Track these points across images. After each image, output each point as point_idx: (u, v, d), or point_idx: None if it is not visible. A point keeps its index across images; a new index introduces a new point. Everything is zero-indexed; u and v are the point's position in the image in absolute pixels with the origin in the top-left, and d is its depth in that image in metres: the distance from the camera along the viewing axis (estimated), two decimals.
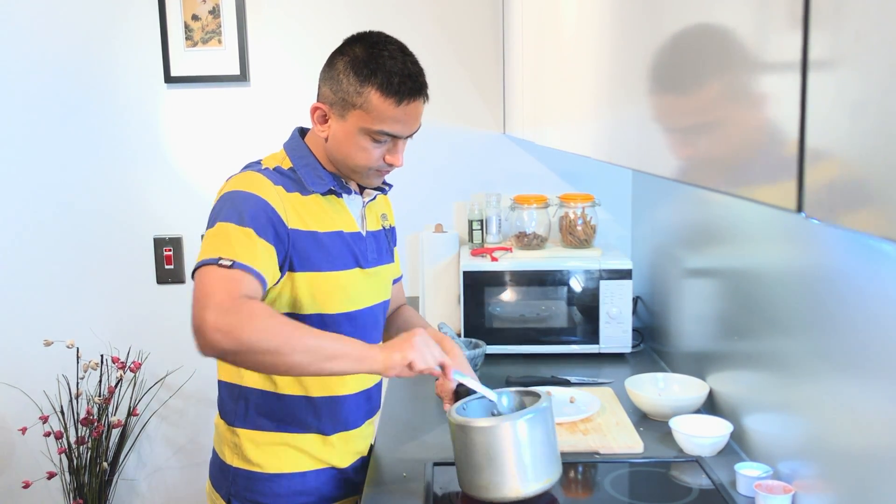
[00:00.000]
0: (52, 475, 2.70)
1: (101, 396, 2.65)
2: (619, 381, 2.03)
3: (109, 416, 2.67)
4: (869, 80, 0.48)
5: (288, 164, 1.53)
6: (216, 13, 2.63)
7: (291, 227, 1.44)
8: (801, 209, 0.57)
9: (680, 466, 1.59)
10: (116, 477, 2.75)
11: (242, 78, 2.66)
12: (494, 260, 2.35)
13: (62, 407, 2.71)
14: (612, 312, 2.28)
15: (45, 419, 2.67)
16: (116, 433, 2.71)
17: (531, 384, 2.03)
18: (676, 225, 2.18)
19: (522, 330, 2.34)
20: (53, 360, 2.71)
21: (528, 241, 2.48)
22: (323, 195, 1.52)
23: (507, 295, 2.35)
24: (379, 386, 1.70)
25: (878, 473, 1.15)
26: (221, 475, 1.59)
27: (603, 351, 2.31)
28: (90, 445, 2.62)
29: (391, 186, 1.68)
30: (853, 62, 0.50)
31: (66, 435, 2.64)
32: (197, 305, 1.31)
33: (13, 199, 2.75)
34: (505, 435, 1.38)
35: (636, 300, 2.44)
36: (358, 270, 1.55)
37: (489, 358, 2.25)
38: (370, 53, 1.46)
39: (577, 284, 2.30)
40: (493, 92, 2.68)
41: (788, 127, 0.58)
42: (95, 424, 2.61)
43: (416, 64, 1.49)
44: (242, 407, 1.55)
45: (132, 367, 2.70)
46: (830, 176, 0.54)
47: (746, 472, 1.47)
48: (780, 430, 1.50)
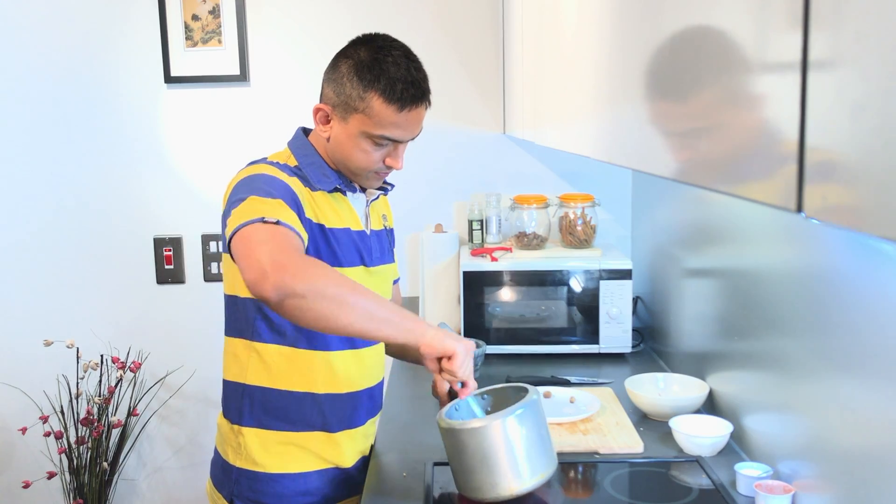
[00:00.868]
0: (52, 475, 2.70)
1: (101, 396, 2.65)
2: (619, 381, 2.03)
3: (109, 416, 2.67)
4: (869, 80, 0.48)
5: (293, 162, 1.55)
6: (216, 13, 2.63)
7: (307, 216, 1.45)
8: (801, 209, 0.57)
9: (680, 466, 1.59)
10: (116, 477, 2.75)
11: (242, 78, 2.66)
12: (494, 260, 2.35)
13: (62, 407, 2.71)
14: (612, 312, 2.28)
15: (45, 419, 2.67)
16: (116, 433, 2.71)
17: (531, 384, 2.03)
18: (676, 225, 2.18)
19: (522, 330, 2.34)
20: (53, 360, 2.71)
21: (528, 241, 2.48)
22: (329, 193, 1.53)
23: (507, 295, 2.35)
24: (381, 385, 1.70)
25: (878, 473, 1.15)
26: (224, 475, 1.58)
27: (603, 351, 2.31)
28: (90, 445, 2.62)
29: (393, 186, 1.70)
30: (853, 62, 0.50)
31: (66, 435, 2.64)
32: (254, 255, 1.24)
33: (13, 198, 2.74)
34: (494, 434, 1.37)
35: (636, 300, 2.44)
36: (362, 268, 1.57)
37: (489, 358, 2.25)
38: (374, 58, 1.46)
39: (577, 284, 2.30)
40: (493, 92, 2.68)
41: (788, 127, 0.58)
42: (95, 424, 2.61)
43: (420, 70, 1.49)
44: (247, 405, 1.55)
45: (132, 367, 2.70)
46: (830, 176, 0.54)
47: (746, 472, 1.47)
48: (780, 430, 1.50)
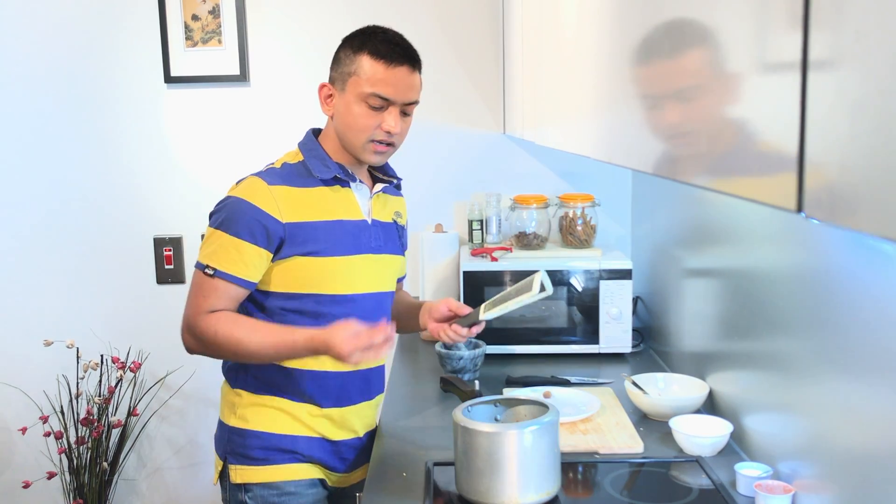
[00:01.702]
0: (52, 475, 2.70)
1: (101, 396, 2.65)
2: (619, 381, 2.03)
3: (109, 416, 2.67)
4: (869, 80, 0.48)
5: (299, 158, 1.67)
6: (216, 13, 2.63)
7: (286, 220, 1.58)
8: (801, 209, 0.57)
9: (680, 466, 1.59)
10: (116, 477, 2.75)
11: (242, 78, 2.66)
12: (494, 260, 2.35)
13: (62, 407, 2.71)
14: (612, 312, 2.28)
15: (45, 419, 2.67)
16: (116, 433, 2.71)
17: (531, 384, 2.04)
18: (676, 225, 2.18)
19: (522, 330, 2.34)
20: (53, 360, 2.71)
21: (528, 241, 2.47)
22: (329, 185, 1.64)
23: None
24: (380, 371, 1.78)
25: (878, 473, 1.15)
26: (220, 434, 1.69)
27: (603, 351, 2.31)
28: (90, 445, 2.62)
29: (401, 179, 1.81)
30: (853, 62, 0.50)
31: (66, 435, 2.64)
32: (185, 307, 1.61)
33: (13, 198, 2.74)
34: (510, 442, 1.38)
35: (636, 300, 2.44)
36: (359, 256, 1.66)
37: (489, 358, 2.25)
38: (365, 33, 1.64)
39: (577, 284, 2.30)
40: (493, 92, 2.68)
41: (788, 127, 0.58)
42: (95, 424, 2.61)
43: (407, 42, 1.65)
44: (243, 371, 1.66)
45: (132, 367, 2.70)
46: (830, 176, 0.54)
47: (746, 472, 1.47)
48: (780, 430, 1.50)
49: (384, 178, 1.77)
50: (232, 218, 1.57)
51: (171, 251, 2.75)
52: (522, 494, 1.39)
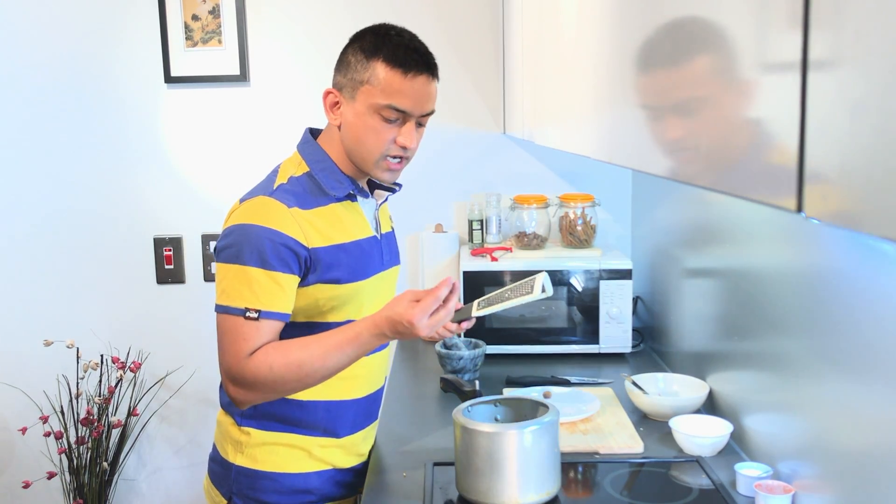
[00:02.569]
0: (52, 475, 2.70)
1: (101, 396, 2.65)
2: (619, 381, 2.03)
3: (109, 416, 2.67)
4: (869, 80, 0.48)
5: (304, 168, 1.52)
6: (216, 13, 2.63)
7: (312, 246, 1.44)
8: (801, 209, 0.57)
9: (680, 466, 1.59)
10: (116, 477, 2.75)
11: (242, 78, 2.66)
12: (494, 260, 2.35)
13: (62, 407, 2.71)
14: (612, 312, 2.28)
15: (45, 419, 2.67)
16: (116, 433, 2.71)
17: (531, 384, 2.04)
18: (676, 225, 2.18)
19: (522, 330, 2.34)
20: (53, 360, 2.71)
21: (528, 241, 2.47)
22: (340, 201, 1.51)
23: None
24: (383, 388, 1.71)
25: (878, 473, 1.15)
26: (223, 472, 1.58)
27: (603, 351, 2.31)
28: (90, 445, 2.62)
29: (401, 186, 1.67)
30: (853, 62, 0.50)
31: (66, 435, 2.64)
32: (219, 361, 1.46)
33: (13, 198, 2.74)
34: (510, 442, 1.38)
35: (636, 300, 2.44)
36: (375, 276, 1.56)
37: (489, 358, 2.25)
38: (377, 35, 1.50)
39: (577, 284, 2.30)
40: (493, 92, 2.68)
41: (788, 127, 0.58)
42: (95, 424, 2.61)
43: (424, 45, 1.51)
44: (250, 409, 1.54)
45: (132, 367, 2.70)
46: (830, 176, 0.54)
47: (746, 472, 1.47)
48: (780, 430, 1.50)
49: (382, 184, 1.61)
50: (258, 249, 1.40)
51: (171, 251, 2.75)
52: (522, 494, 1.39)
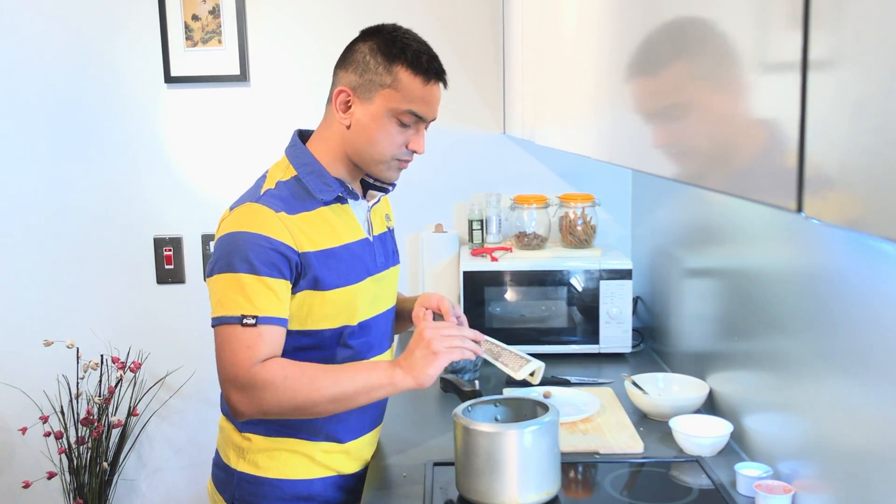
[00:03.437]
0: (52, 475, 2.70)
1: (101, 396, 2.65)
2: (619, 381, 2.03)
3: (109, 416, 2.67)
4: (869, 80, 0.48)
5: (291, 172, 1.50)
6: (216, 13, 2.63)
7: (303, 251, 1.43)
8: (801, 209, 0.57)
9: (680, 466, 1.59)
10: (116, 477, 2.75)
11: (242, 78, 2.66)
12: (494, 260, 2.35)
13: (62, 407, 2.71)
14: (612, 312, 2.28)
15: (45, 419, 2.67)
16: (116, 433, 2.71)
17: (531, 384, 2.03)
18: (676, 225, 2.18)
19: (522, 330, 2.34)
20: (53, 360, 2.71)
21: (528, 241, 2.47)
22: (328, 204, 1.49)
23: (507, 295, 2.34)
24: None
25: (878, 473, 1.15)
26: (226, 478, 1.57)
27: (603, 351, 2.31)
28: (90, 445, 2.62)
29: (394, 186, 1.65)
30: (853, 62, 0.50)
31: (66, 435, 2.64)
32: (220, 374, 1.41)
33: (13, 198, 2.74)
34: (510, 442, 1.38)
35: (636, 300, 2.44)
36: (368, 280, 1.54)
37: None
38: (393, 37, 1.49)
39: (577, 284, 2.30)
40: (493, 92, 2.68)
41: (789, 127, 0.58)
42: (95, 424, 2.61)
43: (435, 52, 1.54)
44: None
45: (132, 367, 2.70)
46: (830, 176, 0.54)
47: (746, 472, 1.47)
48: (780, 430, 1.50)
49: (375, 184, 1.59)
50: (248, 255, 1.38)
51: (171, 251, 2.75)
52: (522, 494, 1.39)
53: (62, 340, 2.68)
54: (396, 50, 1.46)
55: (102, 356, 2.73)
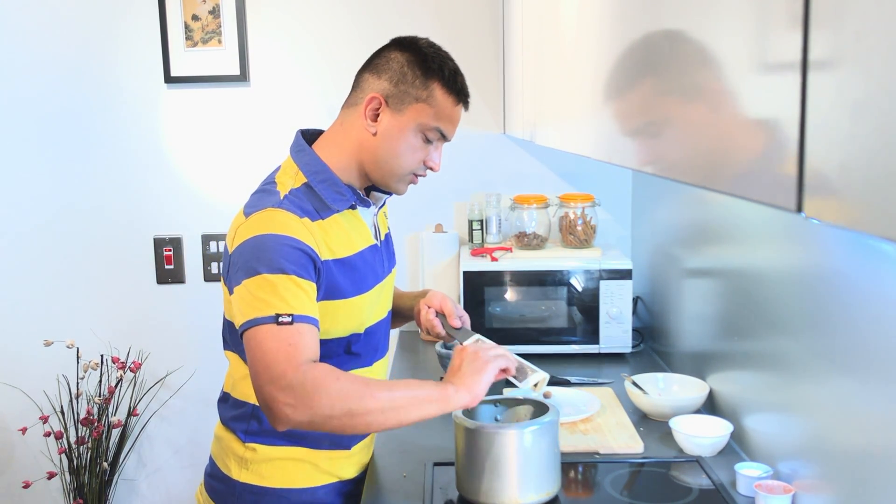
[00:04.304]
0: (52, 475, 2.70)
1: (101, 396, 2.65)
2: (619, 381, 2.03)
3: (109, 416, 2.67)
4: (869, 80, 0.48)
5: (302, 179, 1.45)
6: (216, 13, 2.63)
7: (324, 258, 1.40)
8: (801, 209, 0.57)
9: (680, 466, 1.59)
10: (116, 477, 2.75)
11: (242, 78, 2.66)
12: (494, 260, 2.35)
13: (62, 407, 2.71)
14: (612, 312, 2.28)
15: (45, 419, 2.67)
16: (116, 433, 2.71)
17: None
18: (676, 225, 2.18)
19: (522, 330, 2.34)
20: (53, 360, 2.71)
21: (528, 241, 2.48)
22: (340, 211, 1.46)
23: (507, 295, 2.34)
24: None
25: (878, 473, 1.15)
26: (225, 490, 1.53)
27: (603, 351, 2.31)
28: (90, 445, 2.62)
29: None
30: (853, 62, 0.50)
31: (66, 435, 2.64)
32: (261, 378, 1.28)
33: (13, 198, 2.74)
34: (510, 442, 1.38)
35: (636, 300, 2.44)
36: (377, 287, 1.53)
37: None
38: (431, 53, 1.46)
39: (577, 284, 2.30)
40: (493, 92, 2.68)
41: (789, 127, 0.58)
42: (95, 424, 2.61)
43: None
44: (255, 425, 1.50)
45: (132, 367, 2.70)
46: (830, 176, 0.54)
47: (746, 472, 1.47)
48: (780, 430, 1.50)
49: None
50: (277, 256, 1.33)
51: (171, 251, 2.75)
52: (522, 494, 1.39)
53: (62, 340, 2.68)
54: (435, 66, 1.44)
55: (102, 356, 2.73)
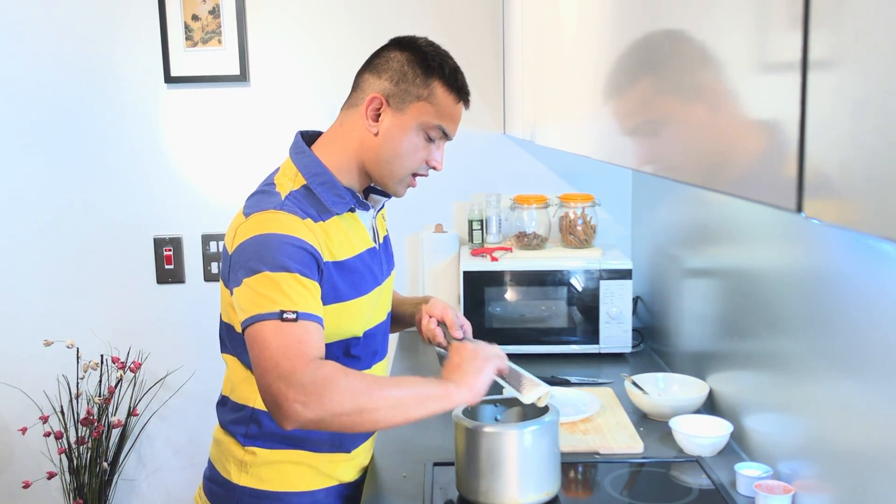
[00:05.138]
0: (52, 475, 2.70)
1: (101, 396, 2.65)
2: (619, 381, 2.03)
3: (109, 416, 2.67)
4: (869, 80, 0.48)
5: (301, 181, 1.43)
6: (216, 13, 2.63)
7: (325, 260, 1.39)
8: (801, 209, 0.57)
9: (680, 466, 1.59)
10: (116, 477, 2.75)
11: (242, 78, 2.66)
12: (494, 260, 2.35)
13: (62, 407, 2.71)
14: (612, 312, 2.28)
15: (45, 419, 2.67)
16: (116, 433, 2.71)
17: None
18: (676, 225, 2.18)
19: (522, 330, 2.34)
20: (53, 360, 2.71)
21: (528, 241, 2.48)
22: (339, 214, 1.45)
23: (507, 295, 2.35)
24: None
25: (878, 473, 1.15)
26: (225, 493, 1.52)
27: (603, 351, 2.31)
28: (90, 445, 2.62)
29: None
30: (853, 62, 0.50)
31: (66, 435, 2.64)
32: (269, 375, 1.25)
33: (13, 198, 2.74)
34: (510, 442, 1.38)
35: (636, 300, 2.44)
36: (376, 290, 1.52)
37: None
38: (431, 51, 1.46)
39: (577, 284, 2.30)
40: (493, 92, 2.68)
41: (789, 127, 0.58)
42: (95, 424, 2.61)
43: None
44: (255, 429, 1.49)
45: (132, 367, 2.70)
46: (830, 176, 0.54)
47: (746, 472, 1.47)
48: (780, 430, 1.50)
49: (378, 187, 1.55)
50: (280, 254, 1.31)
51: (171, 251, 2.75)
52: (522, 494, 1.39)
53: (62, 340, 2.68)
54: (435, 64, 1.43)
55: (102, 356, 2.73)
